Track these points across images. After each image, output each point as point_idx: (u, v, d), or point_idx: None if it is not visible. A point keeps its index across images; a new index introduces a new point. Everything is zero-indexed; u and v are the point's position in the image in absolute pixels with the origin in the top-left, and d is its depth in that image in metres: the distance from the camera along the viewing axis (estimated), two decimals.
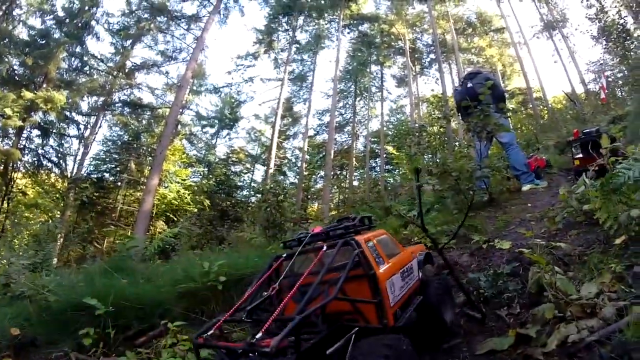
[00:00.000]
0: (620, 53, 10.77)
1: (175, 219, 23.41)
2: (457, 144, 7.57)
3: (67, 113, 23.32)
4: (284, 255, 1.99)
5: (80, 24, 23.34)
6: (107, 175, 26.67)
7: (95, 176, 25.54)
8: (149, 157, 25.95)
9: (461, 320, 2.17)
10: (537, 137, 14.64)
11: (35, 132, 22.49)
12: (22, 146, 21.44)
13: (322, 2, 32.40)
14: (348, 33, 36.35)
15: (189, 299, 3.58)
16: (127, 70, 26.15)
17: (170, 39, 26.61)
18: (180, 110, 26.07)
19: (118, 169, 26.70)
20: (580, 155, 5.27)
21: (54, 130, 23.37)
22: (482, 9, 39.21)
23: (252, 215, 7.99)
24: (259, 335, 1.34)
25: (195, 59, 22.32)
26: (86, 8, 23.42)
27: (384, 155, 32.77)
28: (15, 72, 21.17)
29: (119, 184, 26.31)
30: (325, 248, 1.78)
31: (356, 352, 1.41)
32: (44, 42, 21.62)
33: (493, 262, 3.02)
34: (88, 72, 24.49)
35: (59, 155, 23.98)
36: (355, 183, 33.92)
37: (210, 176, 32.09)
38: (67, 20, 23.27)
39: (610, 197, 2.29)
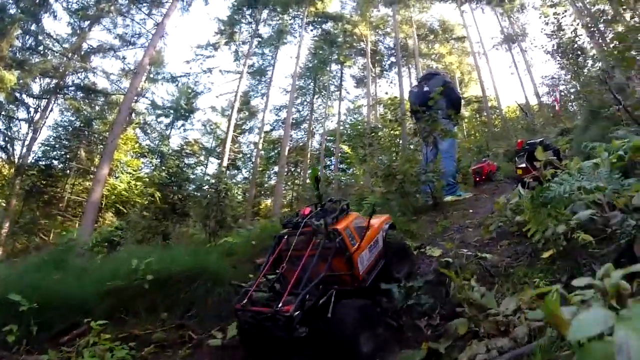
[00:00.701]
0: (574, 70, 11.19)
1: (125, 210, 22.63)
2: (405, 147, 7.52)
3: (17, 94, 21.86)
4: (284, 234, 2.47)
5: (37, 1, 21.59)
6: (55, 162, 25.28)
7: (44, 163, 24.17)
8: (100, 145, 24.79)
9: (379, 330, 2.03)
10: (487, 144, 15.00)
11: None
12: None
13: None
14: (311, 30, 36.23)
15: (115, 298, 3.35)
16: (82, 53, 24.67)
17: (130, 22, 25.27)
18: (135, 98, 25.17)
19: (68, 156, 25.38)
20: (523, 165, 5.29)
21: (3, 113, 21.86)
22: (445, 17, 40.29)
23: (194, 210, 7.65)
24: (281, 303, 1.88)
25: (154, 46, 21.33)
26: None
27: (339, 154, 32.95)
28: None
29: (68, 172, 24.99)
30: (317, 235, 2.28)
31: (337, 308, 1.93)
32: None
33: (421, 270, 2.92)
34: (42, 52, 22.80)
35: (7, 139, 22.57)
36: (310, 181, 33.74)
37: (163, 168, 31.20)
38: None
39: (540, 210, 2.22)
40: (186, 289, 3.45)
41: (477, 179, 9.42)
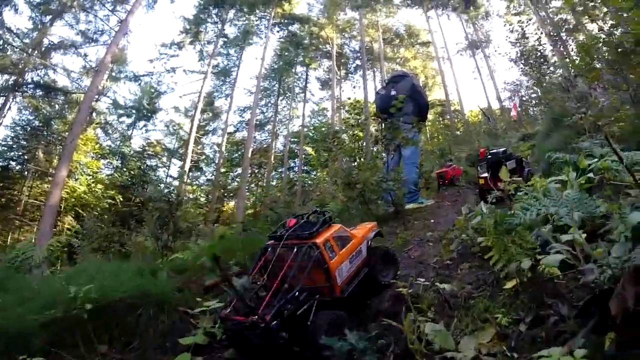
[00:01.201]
0: (536, 76, 11.34)
1: (85, 214, 21.89)
2: (368, 152, 7.32)
3: None
4: (269, 245, 2.53)
5: None
6: (13, 163, 24.17)
7: (0, 164, 23.12)
8: (59, 146, 23.76)
9: None
10: (450, 148, 15.07)
11: None
12: None
13: None
14: (277, 32, 36.16)
15: (52, 329, 2.91)
16: (43, 49, 23.60)
17: (93, 19, 24.28)
18: (96, 97, 24.23)
19: (26, 157, 24.28)
20: (485, 175, 5.17)
21: None
22: (411, 22, 41.00)
23: (147, 222, 7.16)
24: (260, 311, 1.99)
25: (117, 43, 20.57)
26: None
27: (303, 156, 32.79)
28: None
29: (26, 174, 23.92)
30: (295, 249, 2.34)
31: (315, 318, 2.07)
32: None
33: (373, 303, 2.66)
34: (1, 47, 21.51)
35: None
36: (274, 183, 33.40)
37: (124, 169, 30.46)
38: None
39: (503, 237, 2.02)
40: (128, 317, 3.08)
41: (441, 182, 9.37)
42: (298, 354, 2.09)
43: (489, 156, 5.30)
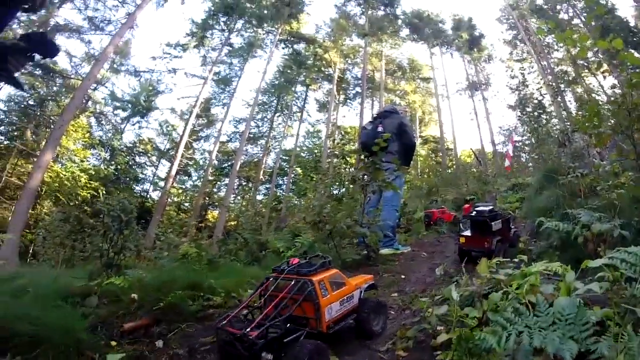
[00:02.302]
0: (533, 126, 11.07)
1: (66, 201, 21.40)
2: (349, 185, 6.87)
3: None
4: (270, 276, 2.75)
5: None
6: (1, 137, 23.68)
7: None
8: (48, 128, 23.22)
9: None
10: (437, 189, 14.62)
11: None
12: None
13: (266, 11, 31.92)
14: (283, 48, 36.19)
15: None
16: (48, 29, 22.84)
17: (102, 7, 24.08)
18: (94, 86, 24.24)
19: (15, 133, 23.76)
20: (467, 234, 4.70)
21: None
22: (415, 56, 41.33)
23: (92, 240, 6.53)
24: (250, 328, 2.25)
25: (121, 36, 20.55)
26: None
27: (292, 175, 32.29)
28: None
29: (12, 150, 23.20)
30: (293, 282, 2.57)
31: (298, 346, 2.24)
32: None
33: None
34: None
35: None
36: (260, 197, 32.86)
37: (112, 162, 29.86)
38: None
39: (464, 359, 1.52)
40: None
41: (426, 222, 8.98)
42: None
43: (474, 213, 4.82)
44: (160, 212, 24.27)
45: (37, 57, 1.96)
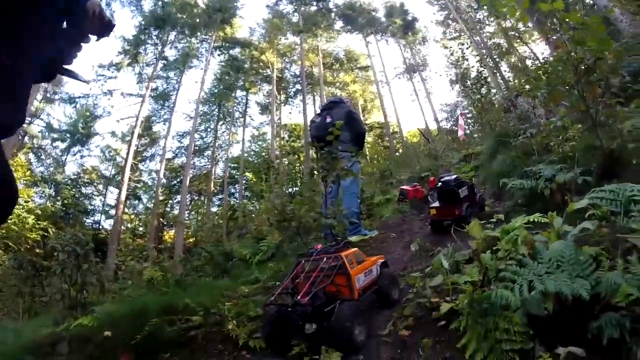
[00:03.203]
0: (476, 97, 11.33)
1: (16, 247, 19.97)
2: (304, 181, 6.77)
3: None
4: (301, 259, 3.05)
5: None
6: None
7: None
8: None
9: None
10: (391, 171, 14.72)
11: None
12: None
13: (197, 20, 31.17)
14: (218, 55, 35.41)
15: None
16: None
17: None
18: (29, 119, 22.62)
19: None
20: (437, 205, 4.74)
21: None
22: (351, 47, 41.54)
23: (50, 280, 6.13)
24: (299, 296, 2.54)
25: None
26: None
27: (244, 182, 31.87)
28: None
29: None
30: (325, 259, 2.90)
31: (338, 311, 2.44)
32: None
33: None
34: None
35: None
36: (214, 209, 32.18)
37: (58, 198, 28.51)
38: None
39: (481, 321, 1.46)
40: None
41: (401, 198, 8.98)
42: (322, 342, 2.45)
43: (440, 185, 4.87)
44: (116, 240, 23.32)
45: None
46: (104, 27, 1.68)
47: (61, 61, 1.60)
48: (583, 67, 3.45)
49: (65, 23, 1.55)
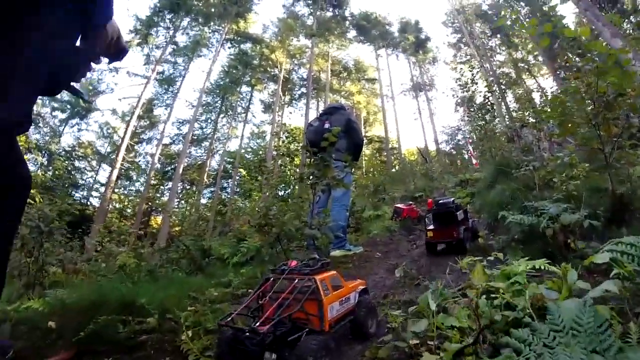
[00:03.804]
0: (480, 123, 11.18)
1: None
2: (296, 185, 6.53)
3: None
4: (270, 276, 2.63)
5: None
6: None
7: None
8: None
9: None
10: (385, 187, 14.55)
11: None
12: None
13: (213, 9, 31.15)
14: (229, 47, 35.39)
15: None
16: None
17: None
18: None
19: None
20: (432, 228, 4.60)
21: None
22: (361, 57, 41.70)
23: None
24: (257, 323, 2.17)
25: None
26: None
27: (237, 177, 31.64)
28: None
29: None
30: (296, 280, 2.48)
31: (302, 343, 2.09)
32: None
33: None
34: None
35: None
36: (204, 201, 31.87)
37: (49, 168, 28.16)
38: None
39: None
40: None
41: (395, 217, 8.78)
42: None
43: (437, 207, 4.71)
44: (102, 219, 22.95)
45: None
46: (118, 52, 1.79)
47: (68, 77, 1.66)
48: (603, 102, 3.24)
49: (79, 41, 1.64)
